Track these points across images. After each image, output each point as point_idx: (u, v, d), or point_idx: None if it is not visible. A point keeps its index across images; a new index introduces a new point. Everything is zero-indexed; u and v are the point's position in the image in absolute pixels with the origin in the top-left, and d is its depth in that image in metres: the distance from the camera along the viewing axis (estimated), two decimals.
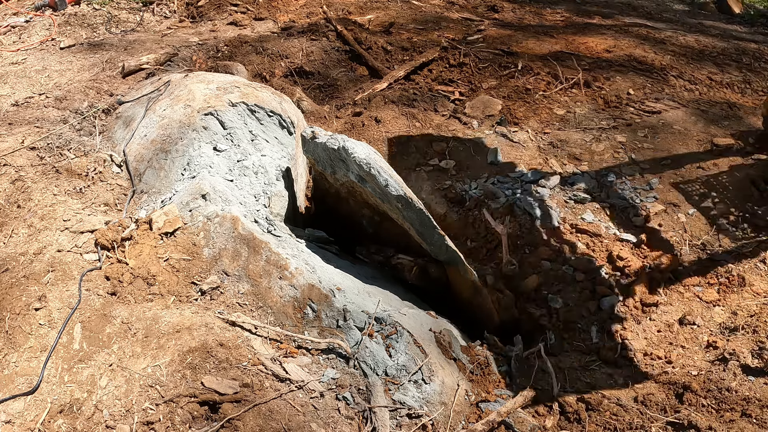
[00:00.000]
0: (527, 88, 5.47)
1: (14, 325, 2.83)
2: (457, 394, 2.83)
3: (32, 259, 3.14)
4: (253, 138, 4.13)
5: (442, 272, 3.70)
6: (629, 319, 3.44)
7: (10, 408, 2.53)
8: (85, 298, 2.96)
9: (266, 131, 4.23)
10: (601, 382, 3.08)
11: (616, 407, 2.82)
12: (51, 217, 3.41)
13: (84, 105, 4.79)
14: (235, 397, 2.53)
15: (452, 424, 2.70)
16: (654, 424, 2.73)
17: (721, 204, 4.05)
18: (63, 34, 6.44)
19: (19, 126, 4.37)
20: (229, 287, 3.09)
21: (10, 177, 3.71)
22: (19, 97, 5.04)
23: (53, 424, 2.48)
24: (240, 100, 4.19)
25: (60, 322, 2.85)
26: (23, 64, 5.75)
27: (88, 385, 2.61)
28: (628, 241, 3.90)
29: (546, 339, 3.50)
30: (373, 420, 2.60)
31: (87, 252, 3.22)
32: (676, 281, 3.61)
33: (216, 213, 3.35)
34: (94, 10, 7.03)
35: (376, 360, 2.84)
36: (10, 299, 2.93)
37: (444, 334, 3.12)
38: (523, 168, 4.56)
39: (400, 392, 2.75)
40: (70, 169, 3.85)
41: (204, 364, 2.66)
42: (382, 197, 3.46)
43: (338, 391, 2.70)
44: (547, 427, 2.80)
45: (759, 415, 2.73)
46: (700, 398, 2.85)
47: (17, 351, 2.74)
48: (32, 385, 2.60)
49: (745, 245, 3.72)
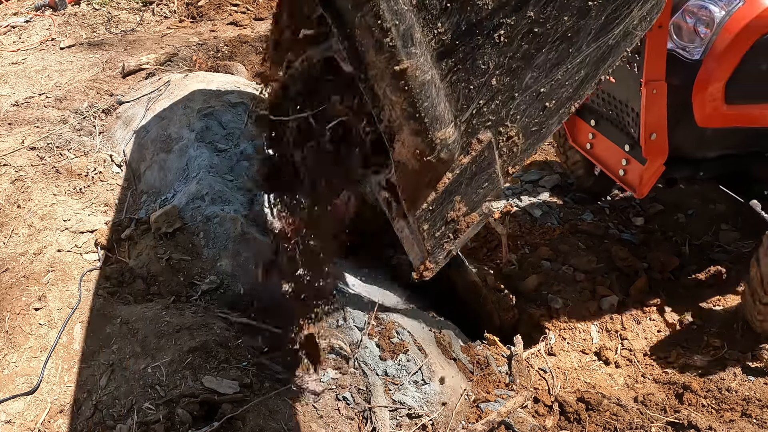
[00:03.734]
0: None
1: (14, 325, 2.82)
2: (457, 394, 2.83)
3: (32, 259, 3.14)
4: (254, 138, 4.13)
5: (442, 272, 3.70)
6: (629, 319, 3.44)
7: (10, 408, 2.53)
8: (85, 298, 2.96)
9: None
10: (601, 382, 3.08)
11: (616, 407, 2.82)
12: (51, 217, 3.41)
13: (84, 105, 4.79)
14: (235, 398, 2.52)
15: (452, 424, 2.70)
16: (654, 424, 2.73)
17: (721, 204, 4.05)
18: (63, 34, 6.45)
19: (19, 126, 4.37)
20: (229, 287, 3.08)
21: (10, 177, 3.71)
22: (19, 97, 5.03)
23: (53, 424, 2.48)
24: (240, 100, 4.19)
25: (60, 322, 2.85)
26: (23, 64, 5.75)
27: (88, 385, 2.61)
28: (628, 241, 3.90)
29: (546, 339, 3.50)
30: (373, 420, 2.60)
31: (87, 252, 3.22)
32: (676, 281, 3.61)
33: (216, 213, 3.35)
34: (94, 10, 7.03)
35: (376, 360, 2.84)
36: (10, 299, 2.92)
37: (444, 334, 3.12)
38: (523, 168, 4.56)
39: (400, 392, 2.75)
40: (70, 169, 3.85)
41: (204, 364, 2.65)
42: None
43: (338, 391, 2.70)
44: (547, 427, 2.80)
45: (759, 415, 2.73)
46: (700, 398, 2.85)
47: (17, 351, 2.74)
48: (32, 385, 2.60)
49: (745, 246, 3.72)
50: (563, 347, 3.47)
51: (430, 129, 0.97)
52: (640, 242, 3.87)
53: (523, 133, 1.07)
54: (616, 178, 3.11)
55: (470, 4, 0.97)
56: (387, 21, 0.89)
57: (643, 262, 3.71)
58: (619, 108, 2.86)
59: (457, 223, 1.06)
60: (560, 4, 1.03)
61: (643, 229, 3.96)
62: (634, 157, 2.93)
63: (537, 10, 1.02)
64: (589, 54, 1.09)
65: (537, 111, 1.09)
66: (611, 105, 2.93)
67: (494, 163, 1.05)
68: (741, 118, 2.79)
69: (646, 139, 2.68)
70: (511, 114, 1.05)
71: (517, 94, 1.05)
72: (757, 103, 2.79)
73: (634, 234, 3.94)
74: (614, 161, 3.12)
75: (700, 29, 2.68)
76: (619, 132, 3.03)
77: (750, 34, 2.59)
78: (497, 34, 1.00)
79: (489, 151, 1.04)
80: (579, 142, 3.43)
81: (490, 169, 1.05)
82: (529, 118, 1.08)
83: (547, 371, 3.12)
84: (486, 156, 1.05)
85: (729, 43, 2.59)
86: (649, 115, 2.62)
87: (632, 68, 2.60)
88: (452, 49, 0.98)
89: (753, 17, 2.57)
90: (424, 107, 0.95)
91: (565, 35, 1.05)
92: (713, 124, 2.79)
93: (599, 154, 3.28)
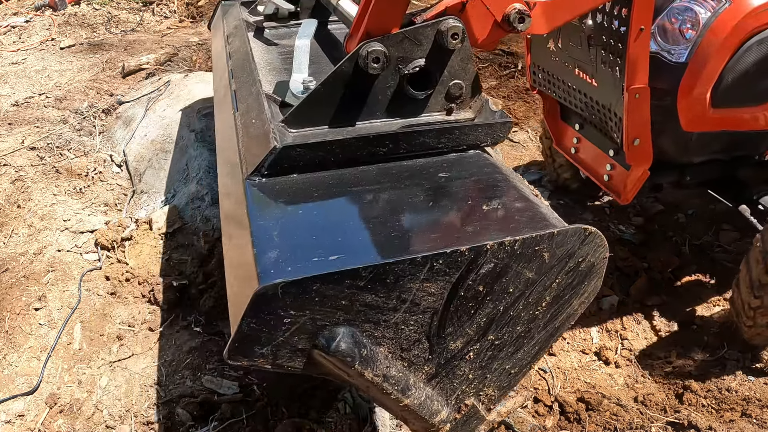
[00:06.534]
0: (527, 88, 5.47)
1: (14, 325, 2.83)
2: None
3: (32, 259, 3.14)
4: None
5: None
6: (629, 319, 3.44)
7: (10, 408, 2.53)
8: (85, 298, 2.96)
9: None
10: (601, 382, 3.08)
11: (616, 407, 2.82)
12: (51, 217, 3.41)
13: (84, 105, 4.79)
14: (234, 398, 2.52)
15: None
16: (654, 424, 2.73)
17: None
18: (63, 34, 6.45)
19: (19, 126, 4.37)
20: None
21: (10, 177, 3.71)
22: (19, 97, 5.04)
23: (53, 424, 2.48)
24: None
25: (60, 322, 2.85)
26: (23, 64, 5.75)
27: (88, 385, 2.61)
28: (628, 240, 3.90)
29: None
30: (373, 420, 2.60)
31: (87, 252, 3.22)
32: (676, 281, 3.61)
33: (216, 213, 3.35)
34: (94, 10, 7.03)
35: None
36: (10, 299, 2.93)
37: None
38: (524, 168, 4.56)
39: None
40: (70, 169, 3.85)
41: (203, 364, 2.66)
42: None
43: (338, 390, 2.70)
44: (547, 427, 2.80)
45: (759, 415, 2.73)
46: (700, 398, 2.85)
47: (17, 351, 2.74)
48: (32, 385, 2.60)
49: (745, 246, 3.72)
50: (563, 347, 3.47)
51: (429, 419, 1.44)
52: (640, 242, 3.87)
53: (497, 389, 1.56)
54: (600, 184, 3.04)
55: (444, 348, 1.38)
56: (389, 390, 1.33)
57: (643, 262, 3.71)
58: (602, 113, 2.79)
59: None
60: (513, 322, 1.42)
61: (643, 229, 3.96)
62: (619, 163, 2.85)
63: (495, 333, 1.42)
64: (540, 337, 1.49)
65: (506, 377, 1.56)
66: (594, 109, 2.86)
67: (478, 410, 1.56)
68: (728, 122, 2.71)
69: (629, 144, 2.61)
70: (486, 385, 1.52)
71: (489, 375, 1.50)
72: (744, 107, 2.71)
73: (634, 234, 3.93)
74: (599, 166, 3.04)
75: (686, 31, 2.61)
76: (603, 137, 2.95)
77: (737, 36, 2.52)
78: (467, 356, 1.43)
79: (473, 407, 1.52)
80: (563, 146, 3.36)
81: (477, 414, 1.55)
82: (501, 382, 1.55)
83: (547, 371, 3.12)
84: (472, 409, 1.53)
85: (715, 45, 2.52)
86: (632, 121, 2.54)
87: (614, 72, 2.53)
88: (437, 374, 1.43)
89: (740, 18, 2.50)
90: (423, 412, 1.40)
91: (520, 335, 1.46)
92: (699, 128, 2.71)
93: (583, 158, 3.21)
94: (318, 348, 1.26)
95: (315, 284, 1.20)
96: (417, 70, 1.68)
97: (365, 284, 1.23)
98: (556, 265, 1.38)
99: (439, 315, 1.34)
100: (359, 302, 1.25)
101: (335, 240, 1.38)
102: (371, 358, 1.30)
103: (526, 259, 1.33)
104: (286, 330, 1.23)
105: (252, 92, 2.04)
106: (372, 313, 1.27)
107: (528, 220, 1.41)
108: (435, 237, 1.39)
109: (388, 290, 1.26)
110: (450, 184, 1.61)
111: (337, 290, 1.22)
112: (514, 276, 1.35)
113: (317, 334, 1.25)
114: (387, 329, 1.31)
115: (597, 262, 1.43)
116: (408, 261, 1.24)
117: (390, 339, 1.33)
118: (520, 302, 1.40)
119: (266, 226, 1.41)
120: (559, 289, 1.42)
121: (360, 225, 1.45)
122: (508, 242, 1.29)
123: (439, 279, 1.28)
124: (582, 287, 1.45)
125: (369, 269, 1.22)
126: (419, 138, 1.70)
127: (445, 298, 1.32)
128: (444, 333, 1.37)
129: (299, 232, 1.43)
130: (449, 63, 1.72)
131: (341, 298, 1.23)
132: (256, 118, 1.83)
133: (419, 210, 1.51)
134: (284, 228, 1.42)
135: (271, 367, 1.27)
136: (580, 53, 2.77)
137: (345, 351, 1.25)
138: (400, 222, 1.46)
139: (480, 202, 1.52)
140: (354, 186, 1.60)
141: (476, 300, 1.35)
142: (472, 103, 1.81)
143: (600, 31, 2.56)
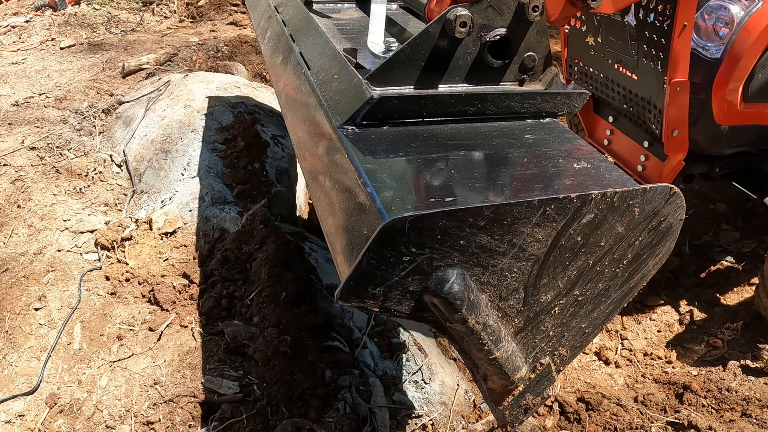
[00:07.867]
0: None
1: (14, 325, 2.83)
2: (457, 394, 2.83)
3: (32, 259, 3.14)
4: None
5: None
6: (629, 319, 3.44)
7: (10, 408, 2.53)
8: (85, 298, 2.96)
9: (266, 131, 4.23)
10: (601, 382, 3.08)
11: (616, 407, 2.82)
12: (51, 217, 3.41)
13: (84, 105, 4.79)
14: (234, 398, 2.53)
15: (452, 424, 2.70)
16: (654, 424, 2.73)
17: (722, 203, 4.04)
18: (63, 34, 6.45)
19: (19, 126, 4.37)
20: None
21: (10, 177, 3.71)
22: (19, 97, 5.04)
23: (53, 424, 2.48)
24: (240, 101, 4.19)
25: (60, 322, 2.85)
26: (23, 64, 5.75)
27: (88, 385, 2.61)
28: None
29: None
30: (373, 420, 2.60)
31: (87, 252, 3.22)
32: (676, 281, 3.61)
33: (216, 213, 3.35)
34: (94, 10, 7.03)
35: (376, 360, 2.84)
36: (10, 299, 2.93)
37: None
38: None
39: (400, 392, 2.75)
40: (70, 169, 3.85)
41: (204, 364, 2.66)
42: None
43: (338, 390, 2.70)
44: (547, 427, 2.80)
45: (759, 415, 2.74)
46: (700, 398, 2.85)
47: (17, 351, 2.74)
48: (32, 385, 2.60)
49: (745, 245, 3.72)
50: None
51: (511, 375, 1.46)
52: None
53: (570, 349, 1.58)
54: (634, 174, 3.17)
55: (536, 301, 1.42)
56: (485, 340, 1.35)
57: None
58: (641, 105, 2.92)
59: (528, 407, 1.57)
60: (597, 278, 1.47)
61: None
62: (654, 153, 3.00)
63: (581, 288, 1.47)
64: (617, 296, 1.55)
65: (580, 337, 1.58)
66: (632, 102, 2.99)
67: (551, 371, 1.57)
68: (758, 116, 2.87)
69: (668, 135, 2.74)
70: (562, 344, 1.55)
71: (566, 333, 1.53)
72: None
73: None
74: (633, 157, 3.18)
75: (719, 29, 2.74)
76: (638, 129, 3.09)
77: None
78: (553, 310, 1.46)
79: (548, 366, 1.55)
80: (596, 138, 3.50)
81: (549, 375, 1.56)
82: (574, 342, 1.57)
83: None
84: (546, 368, 1.55)
85: (748, 42, 2.65)
86: (672, 113, 2.67)
87: (656, 66, 2.65)
88: (524, 328, 1.46)
89: None
90: (507, 367, 1.43)
91: (600, 293, 1.51)
92: (731, 121, 2.85)
93: (617, 150, 3.34)
94: (429, 290, 1.27)
95: (441, 221, 1.21)
96: (497, 38, 1.72)
97: (485, 224, 1.25)
98: (642, 222, 1.43)
99: (539, 263, 1.37)
100: (475, 243, 1.27)
101: (446, 185, 1.41)
102: (476, 304, 1.31)
103: (620, 212, 1.38)
104: (403, 269, 1.24)
105: (326, 52, 2.06)
106: (484, 256, 1.29)
107: (616, 178, 1.47)
108: (540, 186, 1.43)
109: (503, 232, 1.28)
110: (538, 144, 1.66)
111: (459, 229, 1.23)
112: (608, 229, 1.39)
113: (430, 276, 1.26)
114: (492, 275, 1.33)
115: (674, 223, 1.48)
116: (525, 204, 1.27)
117: (493, 286, 1.35)
118: (607, 258, 1.45)
119: (373, 169, 1.42)
120: (640, 247, 1.47)
121: (466, 174, 1.47)
122: (609, 193, 1.34)
123: (547, 225, 1.31)
124: (658, 248, 1.51)
125: (491, 209, 1.24)
126: (505, 101, 1.75)
127: (548, 246, 1.35)
128: (539, 283, 1.40)
129: (407, 176, 1.46)
130: (527, 35, 1.77)
131: (461, 238, 1.25)
132: (338, 74, 1.85)
133: (518, 164, 1.56)
134: (392, 172, 1.43)
135: (378, 309, 1.28)
136: (620, 48, 2.88)
137: (457, 293, 1.26)
138: (503, 172, 1.51)
139: (570, 161, 1.57)
140: (449, 140, 1.64)
141: (573, 251, 1.38)
142: (542, 76, 1.85)
143: (643, 27, 2.66)
